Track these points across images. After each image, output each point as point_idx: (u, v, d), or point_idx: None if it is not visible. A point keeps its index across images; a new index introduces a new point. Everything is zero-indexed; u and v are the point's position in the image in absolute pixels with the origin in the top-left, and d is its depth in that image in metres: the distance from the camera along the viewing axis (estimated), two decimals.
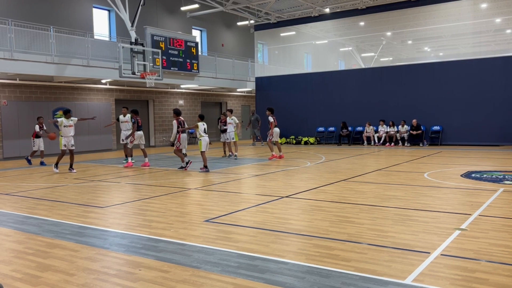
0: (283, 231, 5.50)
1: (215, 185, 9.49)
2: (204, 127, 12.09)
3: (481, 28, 21.92)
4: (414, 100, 19.88)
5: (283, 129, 23.17)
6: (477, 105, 18.50)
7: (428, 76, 19.75)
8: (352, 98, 21.59)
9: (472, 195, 7.64)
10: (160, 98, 23.59)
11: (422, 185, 8.85)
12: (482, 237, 5.04)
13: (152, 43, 19.00)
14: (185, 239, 5.22)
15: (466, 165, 11.94)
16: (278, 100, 23.77)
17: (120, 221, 6.38)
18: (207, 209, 6.95)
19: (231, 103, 28.49)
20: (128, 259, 4.55)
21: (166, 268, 4.23)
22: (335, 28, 24.98)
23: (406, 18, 22.12)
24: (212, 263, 4.34)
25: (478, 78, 18.55)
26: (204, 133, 12.04)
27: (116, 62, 17.12)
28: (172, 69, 20.25)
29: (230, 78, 24.92)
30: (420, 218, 6.06)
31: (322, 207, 6.92)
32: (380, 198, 7.60)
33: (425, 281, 3.76)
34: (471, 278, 3.81)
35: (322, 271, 4.05)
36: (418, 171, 10.96)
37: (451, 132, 19.20)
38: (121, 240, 5.31)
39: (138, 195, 8.50)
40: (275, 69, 25.81)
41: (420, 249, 4.63)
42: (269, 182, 9.76)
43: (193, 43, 21.68)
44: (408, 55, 28.43)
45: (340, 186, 8.98)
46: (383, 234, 5.26)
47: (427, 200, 7.36)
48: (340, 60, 29.62)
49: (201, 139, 11.94)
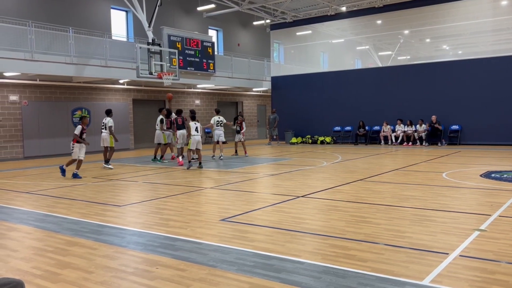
0: (299, 231, 5.49)
1: (231, 184, 9.52)
2: (196, 126, 12.54)
3: (502, 26, 21.49)
4: (432, 99, 19.60)
5: (299, 128, 23.21)
6: (497, 104, 18.15)
7: (447, 75, 19.45)
8: (369, 97, 21.40)
9: (492, 196, 7.51)
10: (177, 97, 23.76)
11: (440, 185, 8.73)
12: (502, 238, 4.95)
13: (169, 43, 19.13)
14: (202, 238, 5.25)
15: (486, 165, 11.73)
16: (294, 99, 23.71)
17: (137, 219, 6.45)
18: (223, 208, 6.98)
19: (247, 103, 28.54)
20: (145, 257, 4.60)
21: (182, 266, 4.27)
22: (351, 26, 24.77)
23: (424, 16, 21.80)
24: (228, 262, 4.35)
25: (498, 76, 18.19)
26: (196, 131, 12.52)
27: (134, 62, 17.30)
28: (188, 69, 20.37)
29: (246, 78, 24.95)
30: (438, 218, 5.98)
31: (339, 207, 6.89)
32: (397, 198, 7.52)
33: (443, 282, 3.71)
34: (490, 280, 3.75)
35: (338, 271, 4.03)
36: (436, 171, 10.82)
37: (470, 132, 18.88)
38: (138, 239, 5.37)
39: (155, 194, 8.58)
40: (291, 69, 25.74)
41: (438, 250, 4.57)
42: (285, 181, 9.75)
43: (209, 43, 21.77)
44: (426, 54, 28.00)
45: (357, 186, 8.91)
46: (400, 234, 5.21)
47: (445, 200, 7.26)
48: (357, 59, 29.38)
49: (192, 137, 12.45)
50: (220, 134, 15.14)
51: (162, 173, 11.94)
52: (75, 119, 18.43)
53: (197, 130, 12.53)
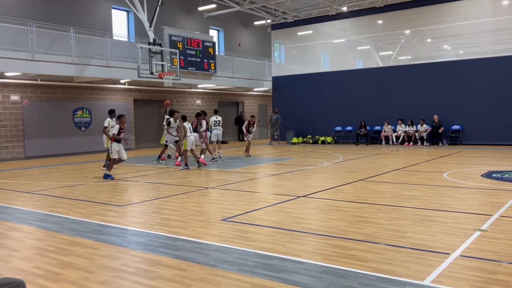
0: (300, 231, 5.49)
1: (232, 184, 9.52)
2: (188, 126, 12.61)
3: (502, 26, 21.46)
4: (433, 99, 19.59)
5: (300, 128, 23.20)
6: (498, 104, 18.13)
7: (448, 75, 19.44)
8: (369, 97, 21.39)
9: (493, 196, 7.50)
10: (178, 98, 23.77)
11: (441, 185, 8.72)
12: (503, 238, 4.95)
13: (170, 43, 19.14)
14: (203, 238, 5.25)
15: (487, 165, 11.72)
16: (295, 99, 23.70)
17: (138, 219, 6.46)
18: (224, 208, 6.98)
19: (247, 103, 28.54)
20: (146, 257, 4.60)
21: (183, 266, 4.27)
22: (352, 26, 24.75)
23: (425, 16, 21.77)
24: (229, 262, 4.36)
25: (499, 76, 18.17)
26: (190, 132, 12.60)
27: (135, 62, 17.31)
28: (189, 69, 20.37)
29: (247, 78, 24.95)
30: (439, 218, 5.98)
31: (340, 207, 6.89)
32: (398, 198, 7.52)
33: (444, 282, 3.71)
34: (491, 280, 3.75)
35: (339, 271, 4.03)
36: (437, 171, 10.81)
37: (471, 132, 18.86)
38: (139, 239, 5.37)
39: (156, 193, 8.59)
40: (292, 68, 25.74)
41: (439, 250, 4.57)
42: (285, 181, 9.75)
43: (210, 43, 21.77)
44: (427, 54, 27.95)
45: (358, 186, 8.91)
46: (401, 234, 5.21)
47: (446, 200, 7.25)
48: (358, 59, 29.35)
49: (187, 138, 12.42)
50: (219, 133, 15.33)
51: (163, 173, 11.95)
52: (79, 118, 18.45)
53: (190, 131, 12.69)
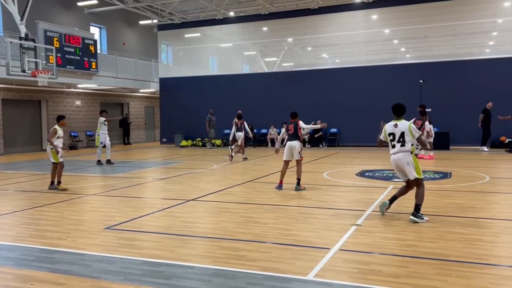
0: (189, 235, 5.42)
1: (117, 190, 9.06)
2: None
3: (373, 38, 23.70)
4: (314, 104, 20.83)
5: (190, 131, 23.01)
6: (370, 109, 19.90)
7: (326, 81, 20.87)
8: (257, 101, 22.04)
9: (366, 193, 8.21)
10: (55, 98, 21.97)
11: (321, 184, 9.31)
12: (375, 231, 5.43)
13: (45, 39, 17.66)
14: (84, 249, 4.91)
15: (361, 165, 12.81)
16: (184, 101, 23.46)
17: (7, 232, 5.81)
18: (108, 216, 6.61)
19: (133, 104, 27.49)
20: (18, 273, 4.15)
21: (62, 280, 3.94)
22: (239, 32, 25.31)
23: (307, 25, 23.13)
24: (114, 272, 4.13)
25: (371, 84, 20.01)
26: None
27: (3, 58, 15.59)
28: (68, 68, 19.00)
29: (132, 78, 24.05)
30: (320, 215, 6.36)
31: (229, 209, 6.96)
32: (283, 197, 7.85)
33: (325, 276, 3.94)
34: (366, 271, 4.08)
35: (228, 273, 4.05)
36: (318, 171, 11.52)
37: (347, 134, 20.50)
38: (9, 253, 4.83)
39: (30, 203, 7.81)
40: (180, 70, 25.43)
41: (320, 246, 4.85)
42: (174, 185, 9.58)
43: (91, 40, 20.57)
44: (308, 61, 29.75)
45: (246, 187, 9.10)
46: (286, 232, 5.43)
47: (326, 198, 7.76)
48: (245, 64, 30.09)
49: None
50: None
51: (37, 179, 10.92)
52: None
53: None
